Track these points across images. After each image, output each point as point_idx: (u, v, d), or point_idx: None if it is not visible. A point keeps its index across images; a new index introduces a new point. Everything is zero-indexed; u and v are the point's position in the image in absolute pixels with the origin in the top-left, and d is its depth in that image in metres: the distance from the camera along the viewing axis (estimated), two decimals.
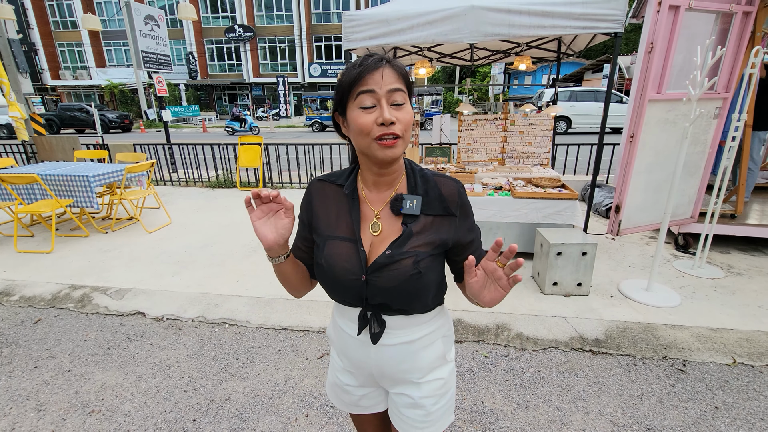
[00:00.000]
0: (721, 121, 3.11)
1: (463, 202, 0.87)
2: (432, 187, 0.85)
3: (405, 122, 0.76)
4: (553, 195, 3.26)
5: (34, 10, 26.40)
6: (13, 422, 1.84)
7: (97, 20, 8.33)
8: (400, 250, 0.81)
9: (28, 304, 2.91)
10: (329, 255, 0.85)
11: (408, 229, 0.83)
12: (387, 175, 0.85)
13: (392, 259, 0.81)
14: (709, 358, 2.21)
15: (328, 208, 0.90)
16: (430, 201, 0.84)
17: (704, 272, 3.14)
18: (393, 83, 0.74)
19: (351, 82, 0.75)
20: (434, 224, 0.84)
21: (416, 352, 0.90)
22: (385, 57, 0.77)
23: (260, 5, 27.01)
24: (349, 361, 0.97)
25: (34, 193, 4.14)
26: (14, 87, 7.09)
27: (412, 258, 0.80)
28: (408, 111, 0.77)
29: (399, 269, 0.80)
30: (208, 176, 6.93)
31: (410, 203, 0.83)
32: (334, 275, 0.84)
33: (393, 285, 0.81)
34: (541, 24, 2.71)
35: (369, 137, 0.75)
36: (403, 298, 0.83)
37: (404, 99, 0.76)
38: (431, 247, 0.83)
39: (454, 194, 0.86)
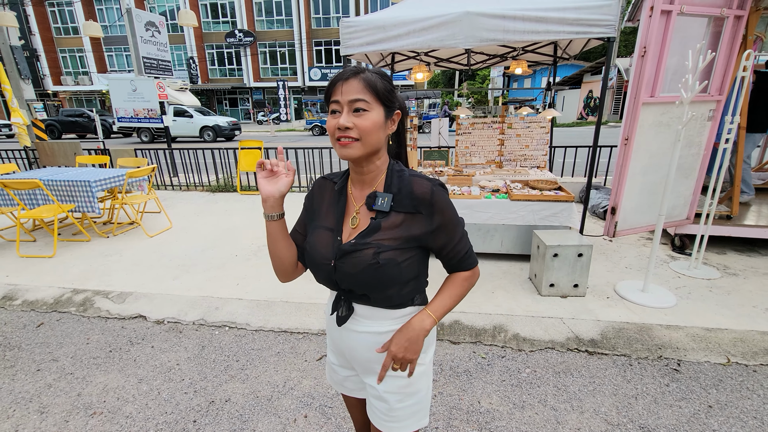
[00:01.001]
0: (715, 124, 3.14)
1: (434, 201, 0.90)
2: (405, 186, 0.91)
3: (362, 127, 0.84)
4: (549, 197, 3.29)
5: (36, 16, 26.62)
6: (17, 424, 1.87)
7: (99, 27, 8.40)
8: (364, 240, 0.89)
9: (30, 308, 2.94)
10: (312, 241, 0.96)
11: (375, 223, 0.90)
12: (366, 174, 0.94)
13: (355, 247, 0.89)
14: (704, 357, 2.23)
15: (323, 202, 1.01)
16: (400, 199, 0.90)
17: (700, 273, 3.16)
18: (355, 93, 0.83)
19: (327, 90, 0.88)
20: (405, 221, 0.90)
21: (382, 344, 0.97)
22: (360, 69, 0.86)
23: (260, 10, 27.20)
24: (330, 340, 1.10)
25: (36, 198, 4.18)
26: (16, 93, 7.16)
27: (373, 249, 0.88)
28: (368, 117, 0.84)
29: (359, 257, 0.88)
30: (209, 180, 6.98)
31: (381, 200, 0.91)
32: (313, 259, 0.95)
33: (354, 272, 0.89)
34: (535, 29, 2.75)
35: (333, 138, 0.87)
36: (364, 285, 0.90)
37: (366, 106, 0.84)
38: (397, 242, 0.89)
39: (425, 193, 0.90)
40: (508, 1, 2.91)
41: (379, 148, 0.90)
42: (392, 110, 0.91)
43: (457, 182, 3.73)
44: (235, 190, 6.63)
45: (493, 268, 3.37)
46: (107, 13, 27.42)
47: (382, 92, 0.86)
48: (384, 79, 0.88)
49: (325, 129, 19.34)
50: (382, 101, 0.87)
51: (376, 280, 0.89)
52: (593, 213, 4.81)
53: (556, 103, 22.18)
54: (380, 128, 0.87)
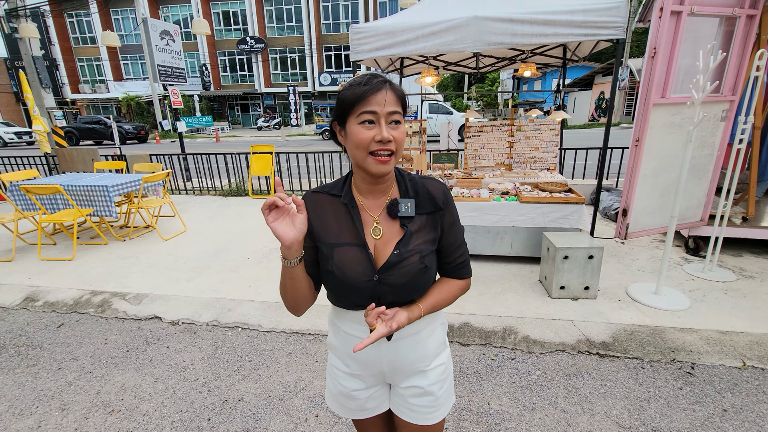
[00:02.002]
0: (728, 124, 3.10)
1: (447, 198, 0.95)
2: (421, 188, 0.94)
3: (399, 141, 0.85)
4: (559, 199, 3.28)
5: (56, 27, 27.48)
6: (39, 420, 1.94)
7: (116, 37, 8.66)
8: (407, 248, 0.90)
9: (51, 309, 3.04)
10: (340, 261, 0.89)
11: (408, 230, 0.91)
12: (381, 184, 0.93)
13: (401, 257, 0.89)
14: (718, 361, 2.20)
15: (327, 218, 0.94)
16: (421, 201, 0.93)
17: (715, 275, 3.11)
18: (393, 106, 0.83)
19: (355, 99, 0.81)
20: (428, 222, 0.93)
21: (423, 341, 0.99)
22: (387, 79, 0.85)
23: (271, 17, 27.63)
24: (357, 364, 1.00)
25: (56, 203, 4.32)
26: (38, 102, 7.41)
27: (418, 254, 0.90)
28: (402, 131, 0.86)
29: (408, 266, 0.88)
30: (221, 185, 7.10)
31: (405, 206, 0.91)
32: (347, 279, 0.89)
33: (404, 281, 0.89)
34: (544, 32, 2.76)
35: (365, 151, 0.84)
36: (411, 292, 0.92)
37: (400, 119, 0.85)
38: (430, 243, 0.93)
39: (439, 191, 0.94)
40: (516, 5, 2.92)
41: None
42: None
43: (466, 185, 3.74)
44: (247, 194, 6.73)
45: (503, 271, 3.36)
46: (123, 22, 28.17)
47: (406, 105, 0.88)
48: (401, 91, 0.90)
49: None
50: (404, 113, 0.88)
51: (424, 283, 0.92)
52: (605, 215, 4.76)
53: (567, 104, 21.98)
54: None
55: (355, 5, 26.06)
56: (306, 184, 7.00)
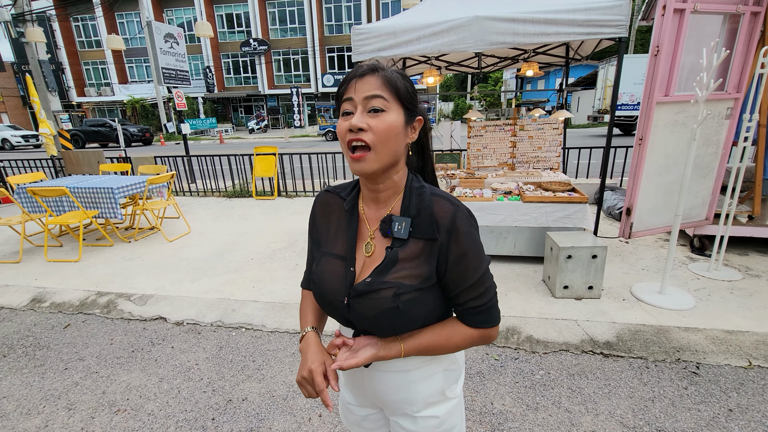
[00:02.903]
0: (733, 122, 3.08)
1: (456, 227, 0.73)
2: (425, 207, 0.75)
3: (378, 130, 0.70)
4: (562, 198, 3.27)
5: (62, 31, 27.76)
6: (47, 420, 1.96)
7: (121, 40, 8.74)
8: (380, 278, 0.74)
9: (58, 310, 3.07)
10: (320, 272, 0.82)
11: (392, 255, 0.75)
12: (380, 192, 0.79)
13: (371, 287, 0.74)
14: (724, 360, 2.18)
15: (330, 222, 0.86)
16: (420, 222, 0.75)
17: (720, 274, 3.09)
18: (372, 90, 0.70)
19: (339, 90, 0.75)
20: (424, 251, 0.75)
21: (412, 383, 0.84)
22: (377, 66, 0.73)
23: (274, 19, 27.75)
24: (347, 380, 0.96)
25: (62, 205, 4.36)
26: (44, 105, 7.49)
27: (392, 290, 0.73)
28: (384, 119, 0.70)
29: (377, 299, 0.73)
30: (225, 186, 7.14)
31: (398, 225, 0.75)
32: (322, 293, 0.81)
33: (372, 315, 0.75)
34: (546, 32, 2.76)
35: (344, 145, 0.74)
36: (385, 329, 0.76)
37: (384, 105, 0.71)
38: (418, 280, 0.74)
39: (446, 216, 0.74)
40: (518, 4, 2.92)
41: (397, 159, 0.76)
42: (413, 114, 0.76)
43: (469, 185, 3.74)
44: (250, 195, 6.76)
45: (506, 270, 3.36)
46: (128, 26, 28.42)
47: (403, 91, 0.73)
48: (405, 79, 0.75)
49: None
50: (403, 102, 0.73)
51: (397, 324, 0.75)
52: (609, 214, 4.74)
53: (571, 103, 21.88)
54: (399, 133, 0.73)
55: (358, 6, 26.12)
56: (309, 185, 7.03)
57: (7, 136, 20.62)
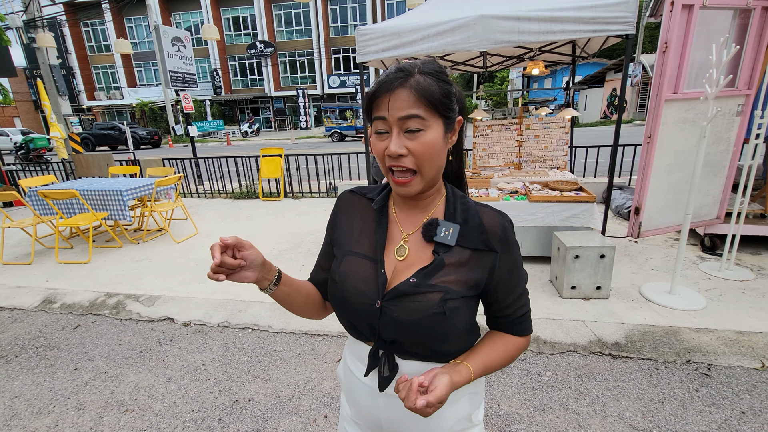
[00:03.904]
0: (744, 119, 3.03)
1: (508, 239, 0.73)
2: (472, 216, 0.73)
3: (419, 153, 0.65)
4: (569, 198, 3.24)
5: (72, 36, 28.22)
6: (57, 419, 1.98)
7: (128, 44, 8.86)
8: (428, 281, 0.70)
9: (68, 311, 3.11)
10: (344, 271, 0.76)
11: (440, 259, 0.71)
12: (421, 199, 0.76)
13: (417, 288, 0.69)
14: (736, 362, 2.14)
15: (353, 222, 0.82)
16: (468, 231, 0.72)
17: (732, 274, 3.03)
18: (406, 108, 0.64)
19: (368, 101, 0.69)
20: (471, 260, 0.72)
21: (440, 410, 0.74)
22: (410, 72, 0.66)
23: (280, 21, 27.93)
24: (356, 410, 0.86)
25: (72, 207, 4.43)
26: (55, 109, 7.62)
27: (441, 294, 0.69)
28: (425, 140, 0.65)
29: (422, 302, 0.69)
30: (232, 188, 7.19)
31: (446, 231, 0.72)
32: (346, 295, 0.75)
33: (411, 319, 0.69)
34: (551, 30, 2.74)
35: (384, 165, 0.70)
36: (420, 337, 0.71)
37: (421, 125, 0.65)
38: (465, 287, 0.71)
39: (496, 227, 0.72)
40: (523, 2, 2.90)
41: (440, 172, 0.72)
42: (453, 119, 0.70)
43: (475, 185, 3.72)
44: (257, 196, 6.80)
45: None
46: (137, 30, 28.79)
47: (439, 99, 0.65)
48: (440, 80, 0.67)
49: (343, 135, 19.74)
50: (441, 112, 0.66)
51: (438, 333, 0.70)
52: (617, 214, 4.68)
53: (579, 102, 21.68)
54: (441, 148, 0.68)
55: (363, 7, 26.17)
56: (315, 186, 7.05)
57: (20, 140, 20.97)
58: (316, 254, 0.96)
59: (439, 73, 0.67)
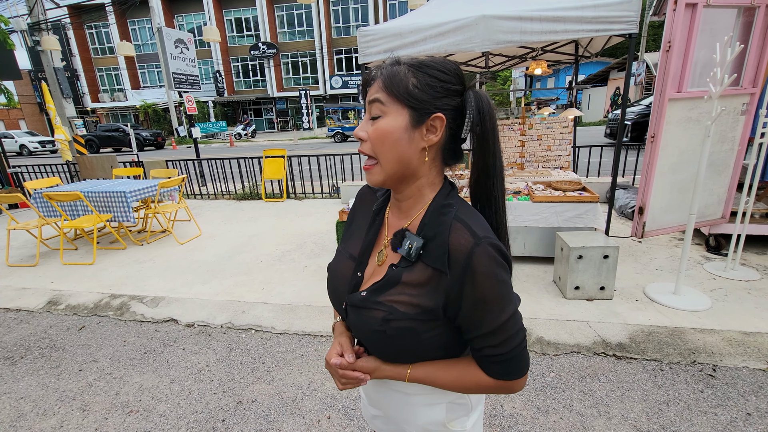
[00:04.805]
0: (749, 118, 3.00)
1: (472, 266, 0.61)
2: (441, 232, 0.64)
3: (372, 139, 0.63)
4: (573, 198, 3.23)
5: (76, 38, 28.42)
6: (62, 420, 2.00)
7: (131, 47, 8.91)
8: (375, 297, 0.67)
9: (73, 312, 3.13)
10: (333, 267, 0.80)
11: (394, 274, 0.67)
12: (401, 201, 0.73)
13: (364, 303, 0.68)
14: (742, 362, 2.12)
15: (357, 218, 0.84)
16: (433, 248, 0.64)
17: (737, 274, 3.01)
18: (371, 94, 0.64)
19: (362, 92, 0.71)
20: (431, 281, 0.64)
21: (413, 406, 0.78)
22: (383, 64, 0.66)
23: (282, 22, 28.00)
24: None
25: (77, 209, 4.45)
26: (59, 111, 7.67)
27: (383, 313, 0.66)
28: (381, 125, 0.62)
29: (367, 318, 0.68)
30: (235, 189, 7.21)
31: (409, 244, 0.67)
32: (330, 290, 0.81)
33: (362, 329, 0.71)
34: (553, 29, 2.73)
35: None
36: (372, 348, 0.73)
37: (381, 110, 0.63)
38: (415, 311, 0.64)
39: (461, 249, 0.61)
40: (525, 2, 2.89)
41: (410, 168, 0.66)
42: (423, 112, 0.62)
43: None
44: (260, 197, 6.82)
45: (516, 271, 3.31)
46: (140, 32, 28.95)
47: (405, 89, 0.61)
48: (419, 71, 0.62)
49: (346, 135, 19.75)
50: (404, 101, 0.61)
51: (384, 349, 0.70)
52: (621, 213, 4.66)
53: (582, 101, 21.60)
54: (398, 139, 0.62)
55: (365, 8, 26.19)
56: (318, 187, 7.06)
57: (25, 142, 21.17)
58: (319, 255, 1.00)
59: (422, 66, 0.63)
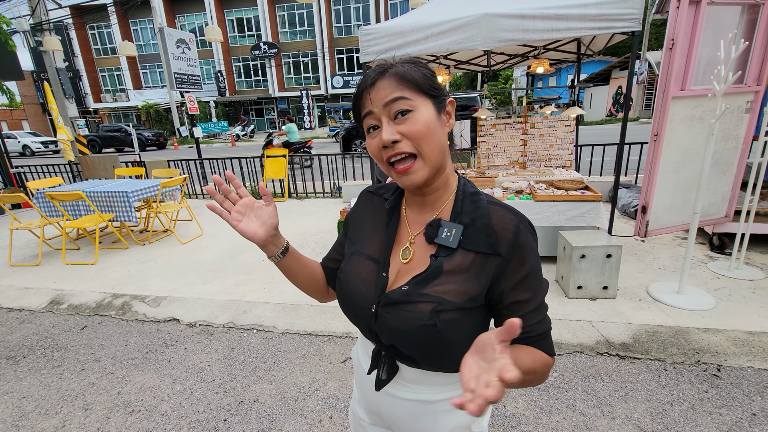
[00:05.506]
0: (753, 116, 2.98)
1: (521, 243, 0.64)
2: (481, 216, 0.66)
3: (413, 134, 0.62)
4: (575, 197, 3.21)
5: (78, 39, 28.49)
6: (64, 420, 2.00)
7: (133, 47, 8.92)
8: (419, 289, 0.65)
9: (75, 312, 3.13)
10: (348, 271, 0.76)
11: (437, 264, 0.66)
12: (428, 195, 0.72)
13: (408, 297, 0.66)
14: (747, 362, 2.11)
15: (366, 221, 0.81)
16: (473, 233, 0.66)
17: (741, 273, 2.99)
18: (390, 93, 0.62)
19: (354, 107, 0.68)
20: (474, 266, 0.65)
21: (435, 415, 0.75)
22: (383, 66, 0.65)
23: (284, 22, 28.00)
24: (362, 396, 0.87)
25: (79, 209, 4.46)
26: (62, 112, 7.69)
27: (432, 305, 0.64)
28: (417, 119, 0.62)
29: (412, 313, 0.65)
30: None
31: (447, 232, 0.67)
32: (347, 295, 0.75)
33: (402, 328, 0.66)
34: (556, 27, 2.71)
35: (384, 164, 0.66)
36: (414, 348, 0.68)
37: (409, 105, 0.62)
38: (463, 298, 0.64)
39: (507, 229, 0.64)
40: (527, 0, 2.88)
41: (445, 156, 0.67)
42: (443, 99, 0.66)
43: (479, 184, 3.70)
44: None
45: None
46: (142, 32, 29.01)
47: (423, 80, 0.63)
48: (418, 66, 0.65)
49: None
50: (426, 92, 0.64)
51: (431, 345, 0.65)
52: (624, 212, 4.64)
53: (584, 100, 21.53)
54: (438, 129, 0.64)
55: (366, 8, 26.17)
56: (319, 186, 7.06)
57: (28, 142, 21.25)
58: (321, 255, 0.99)
59: (417, 61, 0.66)
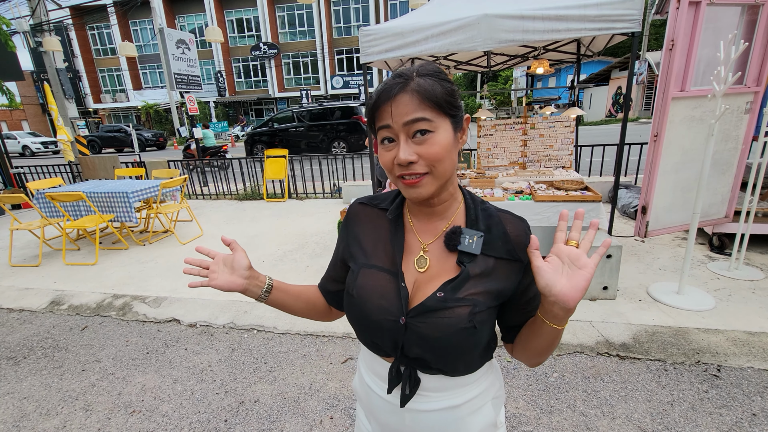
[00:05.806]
0: (753, 116, 2.99)
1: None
2: (496, 224, 0.72)
3: (430, 156, 0.63)
4: (575, 197, 3.21)
5: (78, 39, 28.50)
6: (65, 420, 2.00)
7: (133, 47, 8.93)
8: (455, 294, 0.67)
9: (75, 313, 3.14)
10: (362, 286, 0.73)
11: (466, 270, 0.68)
12: (436, 205, 0.73)
13: (445, 303, 0.67)
14: (747, 363, 2.11)
15: (366, 234, 0.79)
16: (492, 240, 0.70)
17: (741, 274, 2.99)
18: (411, 113, 0.62)
19: (371, 111, 0.67)
20: (495, 270, 0.70)
21: (462, 419, 0.76)
22: (406, 76, 0.64)
23: (284, 23, 28.02)
24: (378, 426, 0.83)
25: (79, 209, 4.46)
26: (62, 112, 7.69)
27: (469, 307, 0.66)
28: (435, 141, 0.63)
29: (450, 318, 0.66)
30: (237, 189, 7.22)
31: (470, 239, 0.69)
32: (366, 311, 0.72)
33: (438, 336, 0.67)
34: (556, 28, 2.72)
35: (393, 175, 0.67)
36: (447, 354, 0.69)
37: (430, 127, 0.62)
38: (490, 298, 0.69)
39: (521, 235, 0.71)
40: (527, 1, 2.88)
41: (453, 172, 0.69)
42: (460, 117, 0.68)
43: (479, 185, 3.70)
44: (261, 197, 6.82)
45: None
46: (141, 33, 29.02)
47: (444, 99, 0.63)
48: (441, 79, 0.64)
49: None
50: (447, 112, 0.64)
51: (466, 348, 0.68)
52: (624, 213, 4.64)
53: (583, 100, 21.55)
54: (453, 149, 0.66)
55: (366, 8, 26.19)
56: (319, 187, 7.06)
57: (28, 143, 21.26)
58: (321, 255, 0.98)
59: (439, 73, 0.66)
